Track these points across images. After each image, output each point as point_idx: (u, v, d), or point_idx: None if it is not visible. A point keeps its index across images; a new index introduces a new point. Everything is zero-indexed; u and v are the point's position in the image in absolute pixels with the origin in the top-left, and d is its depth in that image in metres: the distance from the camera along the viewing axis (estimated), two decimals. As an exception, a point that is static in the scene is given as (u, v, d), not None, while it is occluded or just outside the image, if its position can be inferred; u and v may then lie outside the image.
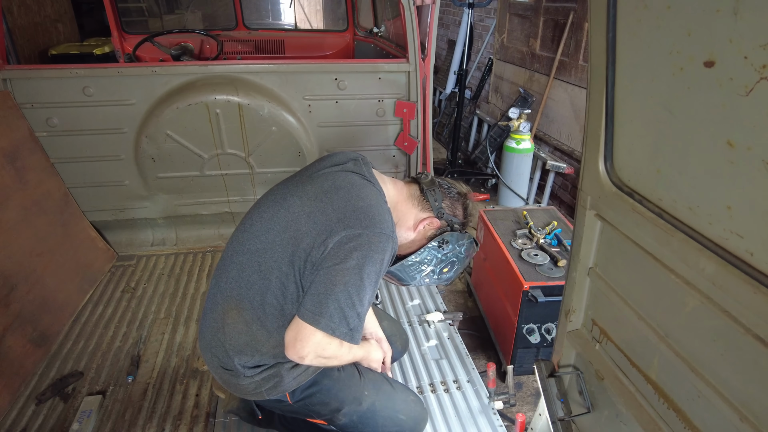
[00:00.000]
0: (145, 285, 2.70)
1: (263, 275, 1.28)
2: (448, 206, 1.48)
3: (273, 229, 1.30)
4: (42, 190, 2.53)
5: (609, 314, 1.25)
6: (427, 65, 2.64)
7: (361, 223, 1.23)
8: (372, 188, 1.36)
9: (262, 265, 1.29)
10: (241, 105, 2.59)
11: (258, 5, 4.73)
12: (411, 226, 1.46)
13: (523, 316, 2.30)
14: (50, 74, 2.44)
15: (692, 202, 0.89)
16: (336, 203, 1.27)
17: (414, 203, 1.46)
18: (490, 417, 1.83)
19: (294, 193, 1.35)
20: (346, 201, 1.27)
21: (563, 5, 4.20)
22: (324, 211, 1.26)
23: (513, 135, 4.20)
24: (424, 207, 1.46)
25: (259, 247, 1.30)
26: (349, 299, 1.19)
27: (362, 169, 1.42)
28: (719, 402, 0.87)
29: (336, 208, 1.26)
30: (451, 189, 1.52)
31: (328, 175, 1.38)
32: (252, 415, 1.63)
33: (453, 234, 1.47)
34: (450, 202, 1.49)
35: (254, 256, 1.30)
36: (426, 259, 1.47)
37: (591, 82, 1.13)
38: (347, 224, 1.22)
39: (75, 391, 1.98)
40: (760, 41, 0.67)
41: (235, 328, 1.33)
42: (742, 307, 0.79)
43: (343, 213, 1.24)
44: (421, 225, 1.45)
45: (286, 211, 1.31)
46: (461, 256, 1.51)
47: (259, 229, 1.33)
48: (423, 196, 1.46)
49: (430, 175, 1.52)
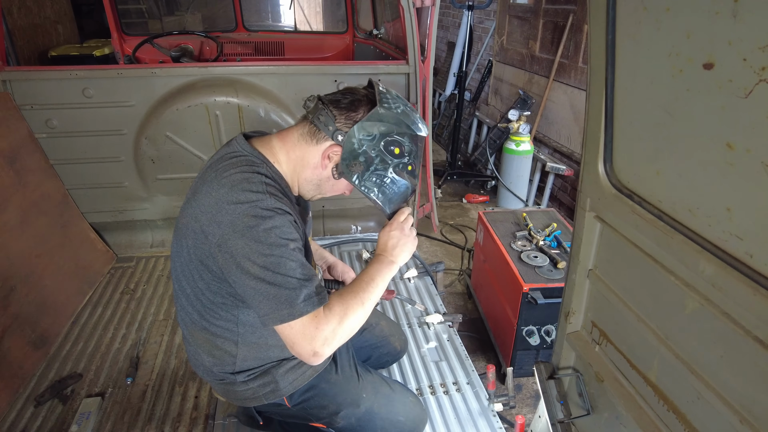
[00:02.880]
0: (144, 287, 2.69)
1: (196, 296, 1.26)
2: (344, 122, 1.22)
3: (177, 251, 1.26)
4: (41, 191, 2.53)
5: (609, 316, 1.24)
6: (427, 67, 2.64)
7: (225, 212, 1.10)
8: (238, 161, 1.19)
9: (186, 288, 1.27)
10: (241, 106, 2.59)
11: (258, 7, 4.74)
12: (317, 164, 1.26)
13: (522, 318, 2.30)
14: (50, 75, 2.44)
15: (692, 204, 0.89)
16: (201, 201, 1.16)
17: (307, 140, 1.25)
18: (490, 419, 1.83)
19: (183, 208, 1.25)
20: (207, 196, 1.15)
21: (563, 7, 4.21)
22: (195, 216, 1.16)
23: (512, 137, 4.20)
24: (319, 138, 1.24)
25: (178, 272, 1.28)
26: (276, 280, 1.09)
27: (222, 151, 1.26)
28: (719, 404, 0.86)
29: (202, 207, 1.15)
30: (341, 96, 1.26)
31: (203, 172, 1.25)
32: (252, 420, 1.62)
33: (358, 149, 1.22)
34: (346, 114, 1.23)
35: (180, 282, 1.29)
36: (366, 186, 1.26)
37: (590, 83, 1.13)
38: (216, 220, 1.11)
39: (74, 393, 1.98)
40: (759, 43, 0.67)
41: (206, 347, 1.33)
42: (742, 309, 0.79)
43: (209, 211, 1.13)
44: (325, 160, 1.25)
45: (177, 229, 1.27)
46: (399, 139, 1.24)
47: (173, 253, 1.29)
48: (314, 127, 1.24)
49: (315, 96, 1.28)
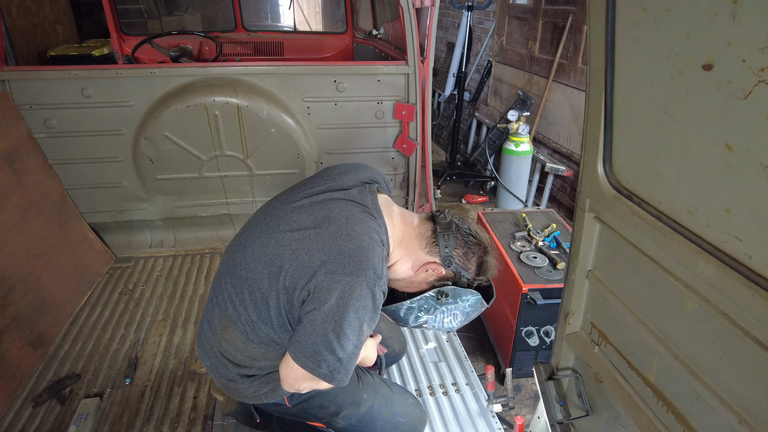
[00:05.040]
0: (143, 287, 2.69)
1: (255, 303, 1.27)
2: (459, 256, 1.33)
3: (262, 260, 1.25)
4: (40, 191, 2.52)
5: (608, 317, 1.24)
6: (426, 67, 2.64)
7: (344, 268, 1.14)
8: (369, 223, 1.25)
9: (253, 293, 1.26)
10: (240, 107, 2.59)
11: (257, 7, 4.73)
12: (412, 267, 1.34)
13: (521, 318, 2.30)
14: (49, 75, 2.43)
15: (691, 205, 0.89)
16: (323, 242, 1.19)
17: (422, 244, 1.33)
18: (489, 420, 1.83)
19: (287, 222, 1.27)
20: (333, 240, 1.18)
21: (562, 8, 4.22)
22: (309, 250, 1.18)
23: (512, 137, 4.20)
24: (432, 250, 1.32)
25: (249, 276, 1.27)
26: (328, 345, 1.13)
27: (366, 199, 1.31)
28: (718, 405, 0.86)
29: (321, 247, 1.18)
30: (470, 238, 1.35)
31: (326, 203, 1.28)
32: (250, 418, 1.63)
33: (455, 288, 1.33)
34: (464, 251, 1.33)
35: (245, 283, 1.28)
36: (423, 307, 1.36)
37: (590, 84, 1.13)
38: (329, 269, 1.15)
39: (72, 394, 1.97)
40: (759, 44, 0.67)
41: (233, 344, 1.33)
42: (741, 310, 0.79)
43: (328, 255, 1.16)
44: (423, 269, 1.33)
45: (275, 243, 1.25)
46: (466, 311, 1.38)
47: (250, 256, 1.29)
48: (434, 238, 1.32)
49: (450, 216, 1.36)
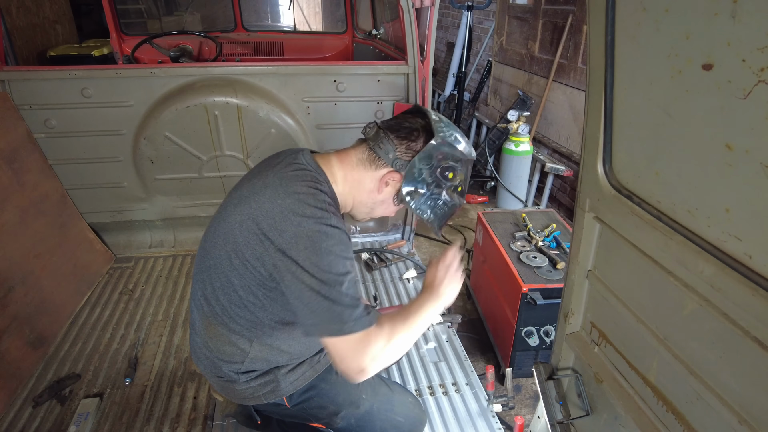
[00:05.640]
0: (143, 287, 2.69)
1: (223, 289, 1.27)
2: (404, 151, 1.27)
3: (217, 244, 1.26)
4: (40, 191, 2.52)
5: (608, 317, 1.24)
6: (426, 67, 2.64)
7: (291, 222, 1.14)
8: (302, 175, 1.23)
9: (215, 282, 1.27)
10: (240, 107, 2.59)
11: (257, 7, 4.73)
12: (374, 188, 1.31)
13: (521, 318, 2.30)
14: (49, 75, 2.43)
15: (691, 205, 0.89)
16: (263, 206, 1.18)
17: (366, 165, 1.30)
18: (489, 420, 1.83)
19: (230, 201, 1.29)
20: (271, 202, 1.18)
21: (562, 8, 4.22)
22: (254, 218, 1.18)
23: (512, 137, 4.20)
24: (378, 164, 1.29)
25: (210, 264, 1.27)
26: (324, 299, 1.11)
27: (298, 158, 1.30)
28: (718, 405, 0.86)
29: (264, 212, 1.17)
30: (402, 130, 1.29)
31: (262, 175, 1.28)
32: (250, 420, 1.62)
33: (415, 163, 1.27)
34: (405, 144, 1.27)
35: (210, 274, 1.28)
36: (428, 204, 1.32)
37: (590, 84, 1.13)
38: (280, 229, 1.14)
39: (72, 394, 1.97)
40: (758, 44, 0.67)
41: (218, 341, 1.32)
42: (741, 310, 0.79)
43: (272, 217, 1.16)
44: (383, 184, 1.30)
45: (224, 222, 1.25)
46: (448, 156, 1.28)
47: (209, 245, 1.30)
48: (373, 153, 1.28)
49: (374, 125, 1.32)
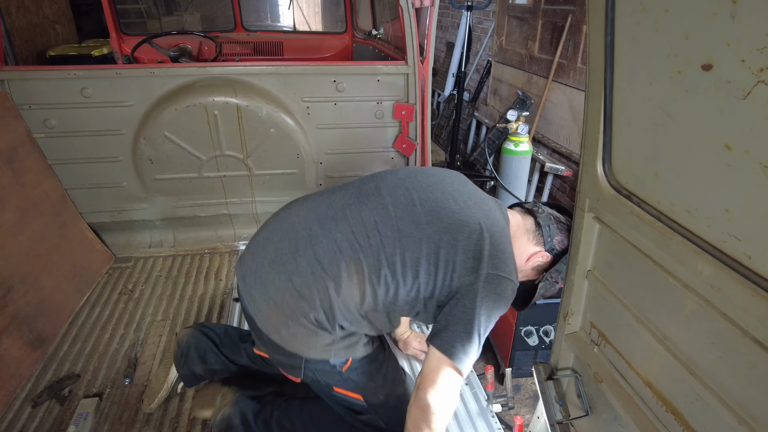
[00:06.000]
0: (142, 287, 2.69)
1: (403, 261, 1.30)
2: (559, 241, 1.48)
3: (434, 224, 1.32)
4: (39, 191, 2.52)
5: (607, 317, 1.25)
6: (426, 67, 2.64)
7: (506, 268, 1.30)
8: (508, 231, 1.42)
9: (407, 252, 1.30)
10: (240, 107, 2.58)
11: (257, 7, 4.73)
12: (523, 258, 1.48)
13: (521, 318, 2.30)
14: (48, 75, 2.43)
15: (690, 205, 0.89)
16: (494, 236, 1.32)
17: (530, 238, 1.48)
18: (488, 420, 1.83)
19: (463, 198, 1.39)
20: (501, 237, 1.34)
21: (562, 8, 4.22)
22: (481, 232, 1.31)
23: (511, 137, 4.20)
24: (537, 241, 1.48)
25: (413, 233, 1.31)
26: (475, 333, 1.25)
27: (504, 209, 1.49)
28: (717, 405, 0.87)
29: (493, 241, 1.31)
30: (562, 224, 1.51)
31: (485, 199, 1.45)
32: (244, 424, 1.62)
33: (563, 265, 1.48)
34: (562, 236, 1.49)
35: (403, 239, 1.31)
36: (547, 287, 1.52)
37: (589, 84, 1.13)
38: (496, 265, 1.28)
39: (71, 394, 1.97)
40: (758, 45, 0.67)
41: (350, 291, 1.31)
42: (740, 310, 0.79)
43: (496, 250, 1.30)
44: (534, 259, 1.48)
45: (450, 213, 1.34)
46: None
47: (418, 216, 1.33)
48: (538, 231, 1.48)
49: (545, 209, 1.53)
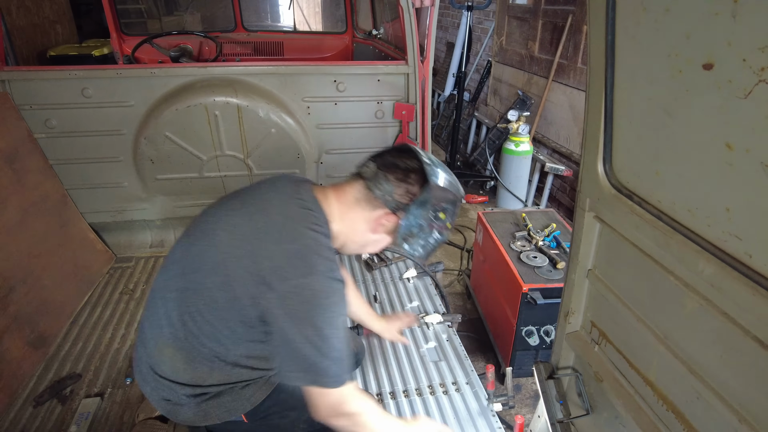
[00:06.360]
0: (143, 287, 2.69)
1: (197, 318, 1.20)
2: (401, 193, 1.25)
3: (202, 270, 1.20)
4: (40, 191, 2.52)
5: (608, 316, 1.25)
6: (426, 67, 2.64)
7: (297, 270, 1.12)
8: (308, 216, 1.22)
9: (191, 306, 1.20)
10: (240, 107, 2.59)
11: (257, 7, 4.74)
12: (367, 229, 1.30)
13: (522, 318, 2.30)
14: (49, 75, 2.43)
15: (691, 204, 0.89)
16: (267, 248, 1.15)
17: (362, 205, 1.27)
18: (489, 419, 1.83)
19: (221, 226, 1.22)
20: (277, 243, 1.15)
21: (562, 8, 4.22)
22: (254, 257, 1.15)
23: (512, 137, 4.20)
24: (375, 205, 1.26)
25: (189, 287, 1.21)
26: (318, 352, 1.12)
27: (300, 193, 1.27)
28: (718, 404, 0.87)
29: (268, 253, 1.15)
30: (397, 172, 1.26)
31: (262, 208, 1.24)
32: None
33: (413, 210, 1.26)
34: (404, 188, 1.25)
35: (186, 296, 1.21)
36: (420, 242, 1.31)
37: (590, 84, 1.13)
38: (282, 275, 1.12)
39: (73, 394, 1.97)
40: (759, 44, 0.67)
41: (174, 363, 1.24)
42: (741, 309, 0.79)
43: (275, 261, 1.13)
44: (378, 225, 1.29)
45: (215, 250, 1.19)
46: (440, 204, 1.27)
47: (189, 266, 1.22)
48: (371, 194, 1.25)
49: (373, 165, 1.29)
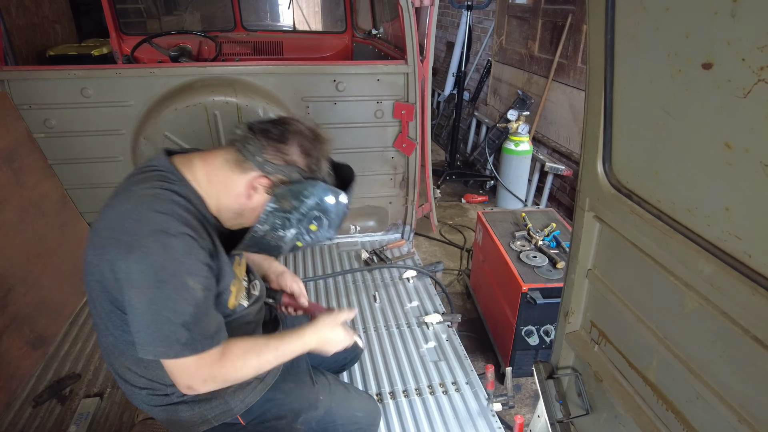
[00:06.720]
0: (142, 287, 2.68)
1: (104, 322, 1.18)
2: (274, 155, 1.16)
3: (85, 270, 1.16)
4: (39, 191, 2.52)
5: (608, 316, 1.25)
6: (426, 67, 2.64)
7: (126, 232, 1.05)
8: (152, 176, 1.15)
9: (100, 314, 1.17)
10: (240, 106, 2.58)
11: (256, 7, 4.73)
12: (240, 193, 1.18)
13: (521, 318, 2.30)
14: (48, 75, 2.43)
15: (691, 204, 0.89)
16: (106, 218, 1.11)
17: (232, 168, 1.18)
18: (489, 419, 1.83)
19: None
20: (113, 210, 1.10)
21: (562, 7, 4.22)
22: (96, 230, 1.11)
23: (511, 137, 4.21)
24: (245, 167, 1.17)
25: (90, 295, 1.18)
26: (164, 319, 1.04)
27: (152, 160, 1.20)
28: (718, 403, 0.87)
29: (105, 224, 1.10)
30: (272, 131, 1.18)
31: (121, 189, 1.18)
32: None
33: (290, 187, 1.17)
34: (275, 148, 1.17)
35: (93, 306, 1.19)
36: (275, 224, 1.19)
37: (589, 84, 1.13)
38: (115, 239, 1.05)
39: (72, 394, 1.97)
40: (758, 43, 0.67)
41: (127, 372, 1.24)
42: (741, 309, 0.79)
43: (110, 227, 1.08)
44: (251, 189, 1.18)
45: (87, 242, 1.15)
46: (325, 208, 1.20)
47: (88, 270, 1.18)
48: (240, 155, 1.17)
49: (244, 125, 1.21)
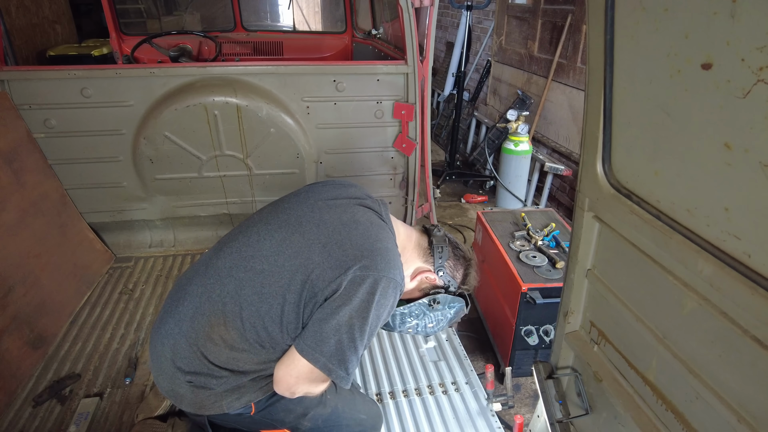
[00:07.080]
0: (142, 287, 2.69)
1: (263, 298, 1.23)
2: (450, 266, 1.47)
3: (284, 253, 1.26)
4: (40, 191, 2.52)
5: (607, 316, 1.25)
6: (426, 67, 2.64)
7: (377, 265, 1.22)
8: (387, 230, 1.37)
9: (265, 287, 1.24)
10: (240, 106, 2.59)
11: (256, 7, 4.73)
12: (410, 275, 1.45)
13: (521, 317, 2.30)
14: (48, 75, 2.43)
15: (690, 204, 0.89)
16: (355, 239, 1.26)
17: (419, 253, 1.46)
18: (489, 419, 1.83)
19: (310, 219, 1.33)
20: (365, 238, 1.27)
21: (561, 7, 4.22)
22: (341, 245, 1.24)
23: (511, 137, 4.20)
24: (427, 260, 1.45)
25: (265, 269, 1.25)
26: (352, 342, 1.18)
27: (380, 208, 1.43)
28: (717, 404, 0.87)
29: (354, 244, 1.24)
30: (459, 251, 1.51)
31: (346, 207, 1.37)
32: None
33: (446, 296, 1.47)
34: (453, 263, 1.48)
35: (258, 277, 1.25)
36: (414, 313, 1.47)
37: (589, 84, 1.13)
38: (364, 264, 1.21)
39: (72, 394, 1.97)
40: (758, 43, 0.67)
41: (217, 345, 1.25)
42: (740, 309, 0.79)
43: (361, 251, 1.23)
44: (420, 277, 1.45)
45: (300, 237, 1.28)
46: (449, 317, 1.52)
47: (267, 250, 1.28)
48: (430, 249, 1.46)
49: (443, 230, 1.52)
